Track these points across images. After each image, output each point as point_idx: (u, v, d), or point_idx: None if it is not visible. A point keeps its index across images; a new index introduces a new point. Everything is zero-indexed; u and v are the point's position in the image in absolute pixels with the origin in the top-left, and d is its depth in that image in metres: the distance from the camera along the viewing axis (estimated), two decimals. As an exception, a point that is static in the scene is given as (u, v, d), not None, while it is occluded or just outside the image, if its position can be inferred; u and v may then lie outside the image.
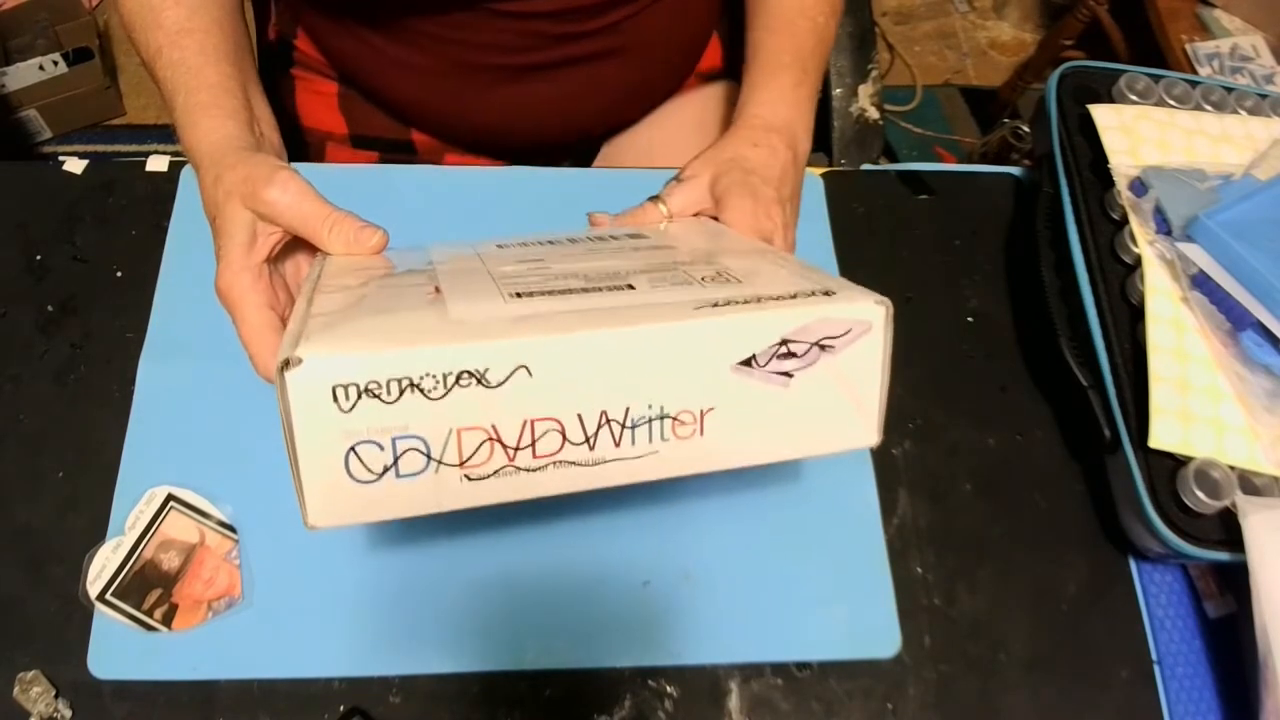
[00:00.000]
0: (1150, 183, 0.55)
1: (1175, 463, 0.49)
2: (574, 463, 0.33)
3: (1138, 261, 0.53)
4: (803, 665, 0.48)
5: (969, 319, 0.60)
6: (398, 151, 0.72)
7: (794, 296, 0.34)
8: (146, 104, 1.68)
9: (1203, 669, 0.50)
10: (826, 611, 0.49)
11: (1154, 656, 0.50)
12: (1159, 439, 0.48)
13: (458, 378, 0.31)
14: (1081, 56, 1.23)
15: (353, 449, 0.31)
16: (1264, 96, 0.62)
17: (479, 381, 0.31)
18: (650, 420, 0.33)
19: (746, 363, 0.34)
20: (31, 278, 0.55)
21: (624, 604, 0.48)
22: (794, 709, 0.47)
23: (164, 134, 1.63)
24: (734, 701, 0.47)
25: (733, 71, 0.77)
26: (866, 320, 0.35)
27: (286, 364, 0.30)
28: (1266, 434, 0.49)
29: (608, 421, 0.33)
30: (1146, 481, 0.48)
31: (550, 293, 0.35)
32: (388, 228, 0.43)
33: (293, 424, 0.31)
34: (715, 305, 0.34)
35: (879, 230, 0.50)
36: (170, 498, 0.48)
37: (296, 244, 0.45)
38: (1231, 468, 0.48)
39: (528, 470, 0.33)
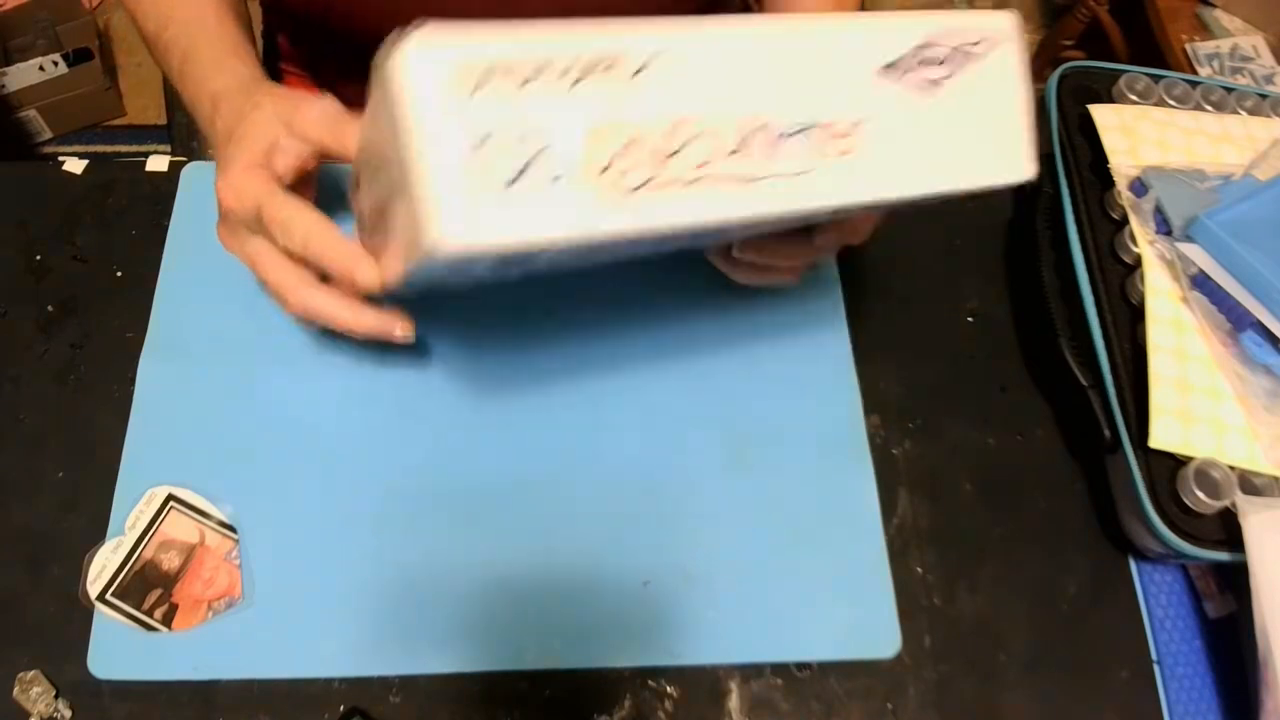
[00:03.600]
0: (1150, 183, 0.55)
1: (1175, 463, 0.49)
2: (725, 176, 0.30)
3: (1138, 261, 0.53)
4: (803, 665, 0.48)
5: (969, 319, 0.60)
6: None
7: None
8: (146, 104, 1.68)
9: (1203, 669, 0.50)
10: (826, 611, 0.49)
11: (1154, 656, 0.50)
12: (1159, 439, 0.48)
13: (589, 66, 0.28)
14: (1081, 56, 1.24)
15: (478, 146, 0.27)
16: (1264, 96, 0.62)
17: (610, 71, 0.28)
18: (803, 130, 0.31)
19: (891, 68, 0.32)
20: (31, 278, 0.55)
21: (624, 604, 0.48)
22: (794, 709, 0.47)
23: (164, 134, 1.63)
24: (734, 701, 0.47)
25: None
26: (1000, 27, 0.34)
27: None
28: (1266, 434, 0.49)
29: (758, 128, 0.30)
30: (1146, 481, 0.48)
31: None
32: None
33: (411, 117, 0.26)
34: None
35: (879, 230, 0.50)
36: (170, 498, 0.48)
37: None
38: (1231, 468, 0.48)
39: (677, 183, 0.29)
